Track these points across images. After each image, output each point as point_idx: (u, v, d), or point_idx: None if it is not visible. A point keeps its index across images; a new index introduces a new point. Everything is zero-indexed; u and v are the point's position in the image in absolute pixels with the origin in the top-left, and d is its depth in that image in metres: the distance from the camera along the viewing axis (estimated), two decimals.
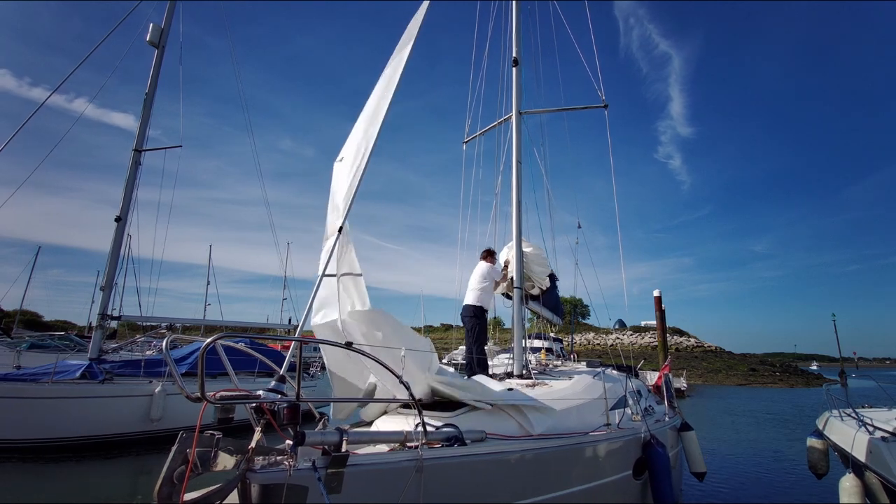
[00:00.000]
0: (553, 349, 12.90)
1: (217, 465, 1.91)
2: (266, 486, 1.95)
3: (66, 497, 6.31)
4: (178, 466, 1.78)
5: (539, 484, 3.20)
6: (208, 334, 22.30)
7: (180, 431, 1.87)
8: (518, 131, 6.47)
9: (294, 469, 2.01)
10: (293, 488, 1.98)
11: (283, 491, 1.95)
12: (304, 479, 2.02)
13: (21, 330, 28.01)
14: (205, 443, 1.87)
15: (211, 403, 1.92)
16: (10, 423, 7.82)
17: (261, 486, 1.94)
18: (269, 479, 1.96)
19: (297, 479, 2.00)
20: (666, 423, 5.53)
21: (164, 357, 2.10)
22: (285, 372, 2.54)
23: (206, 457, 1.87)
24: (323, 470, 2.09)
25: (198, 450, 1.84)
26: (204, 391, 1.87)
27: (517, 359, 5.51)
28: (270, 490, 1.95)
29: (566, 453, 3.42)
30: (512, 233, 6.33)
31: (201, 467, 1.86)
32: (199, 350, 1.97)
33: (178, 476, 1.77)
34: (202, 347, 1.95)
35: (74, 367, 9.09)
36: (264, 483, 1.95)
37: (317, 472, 2.07)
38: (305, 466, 2.06)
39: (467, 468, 2.76)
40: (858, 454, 4.96)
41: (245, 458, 1.96)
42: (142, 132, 11.27)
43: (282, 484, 1.96)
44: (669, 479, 4.27)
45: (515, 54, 6.66)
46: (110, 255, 10.66)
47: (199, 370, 1.88)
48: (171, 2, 11.95)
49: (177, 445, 1.80)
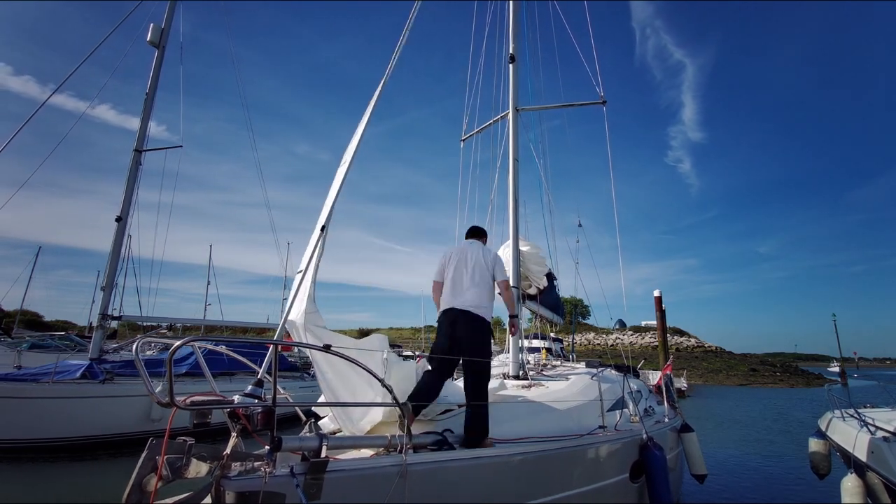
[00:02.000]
0: (553, 349, 12.89)
1: (189, 472, 1.87)
2: (241, 494, 1.88)
3: (67, 497, 6.30)
4: (147, 473, 1.74)
5: (530, 488, 3.12)
6: (208, 334, 22.22)
7: (150, 438, 1.82)
8: (515, 128, 6.42)
9: (270, 476, 1.94)
10: (270, 495, 1.92)
11: (259, 498, 1.89)
12: (281, 486, 1.96)
13: (21, 330, 28.01)
14: (176, 449, 1.82)
15: (180, 409, 1.86)
16: (11, 423, 7.82)
17: (236, 493, 1.88)
18: (244, 486, 1.90)
19: (274, 486, 1.94)
20: (665, 425, 5.47)
21: (135, 361, 2.04)
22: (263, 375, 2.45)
23: (177, 463, 1.82)
24: (301, 476, 2.03)
25: (169, 456, 1.79)
26: (173, 396, 1.81)
27: (513, 360, 5.40)
28: (246, 497, 1.89)
29: (558, 456, 3.32)
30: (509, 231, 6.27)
31: (172, 474, 1.81)
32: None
33: (146, 484, 1.73)
34: (171, 350, 1.90)
35: (75, 367, 9.08)
36: (239, 490, 1.88)
37: (295, 478, 2.00)
38: (283, 473, 2.00)
39: (454, 473, 2.65)
40: (860, 454, 4.95)
41: (219, 465, 1.91)
42: (142, 132, 11.26)
43: (258, 491, 1.90)
44: (667, 483, 4.17)
45: (512, 51, 6.63)
46: (111, 255, 10.66)
47: (167, 374, 1.81)
48: (171, 2, 11.95)
49: (146, 452, 1.75)
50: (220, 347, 3.24)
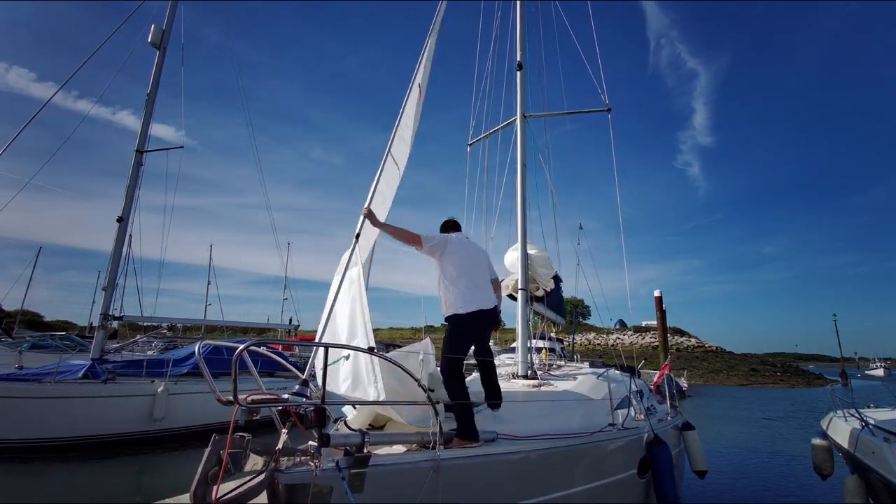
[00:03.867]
0: (555, 349, 12.91)
1: (247, 466, 1.98)
2: (293, 486, 2.01)
3: (68, 497, 6.30)
4: (213, 467, 1.83)
5: (548, 483, 3.29)
6: (208, 334, 22.16)
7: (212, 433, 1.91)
8: (523, 134, 6.50)
9: (319, 469, 2.08)
10: (319, 488, 2.05)
11: (310, 490, 2.02)
12: (329, 479, 2.09)
13: (22, 330, 28.02)
14: (236, 444, 1.92)
15: (242, 407, 1.97)
16: (13, 423, 7.82)
17: (288, 485, 2.01)
18: (296, 479, 2.03)
19: (323, 479, 2.07)
20: (668, 423, 5.61)
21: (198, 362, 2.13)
22: (307, 375, 2.59)
23: (237, 458, 1.92)
24: (346, 470, 2.16)
25: (230, 451, 1.89)
26: (237, 394, 1.92)
27: (522, 360, 5.55)
28: (297, 489, 2.02)
29: (574, 453, 3.52)
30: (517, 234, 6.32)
31: (233, 468, 1.91)
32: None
33: (212, 476, 1.82)
34: (236, 352, 2.02)
35: (77, 367, 9.10)
36: (291, 483, 2.02)
37: (341, 472, 2.13)
38: (330, 466, 2.14)
39: (482, 468, 2.85)
40: (861, 455, 4.96)
41: (273, 459, 2.03)
42: (143, 133, 11.29)
43: (308, 483, 2.03)
44: (672, 478, 4.38)
45: (520, 58, 6.69)
46: (112, 255, 10.70)
47: (232, 374, 1.93)
48: (172, 2, 11.96)
49: (210, 447, 1.85)
50: (262, 349, 3.32)
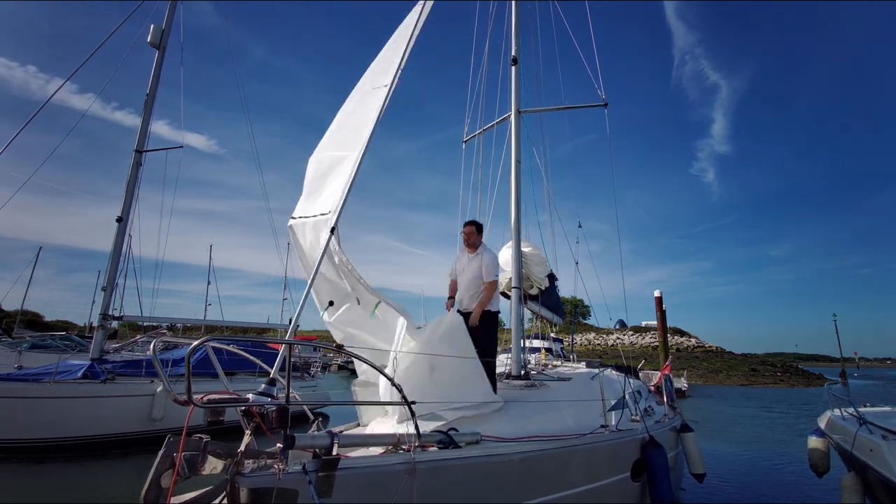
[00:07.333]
0: (553, 349, 12.92)
1: (205, 469, 1.91)
2: (255, 490, 1.92)
3: (67, 497, 6.31)
4: (165, 470, 1.78)
5: (535, 486, 3.16)
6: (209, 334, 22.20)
7: (167, 435, 1.86)
8: (517, 130, 6.46)
9: (284, 473, 1.98)
10: (283, 492, 1.96)
11: (273, 495, 1.93)
12: (293, 483, 2.00)
13: (22, 330, 28.04)
14: (192, 446, 1.86)
15: (198, 407, 1.91)
16: (13, 423, 7.83)
17: (249, 489, 1.92)
18: (258, 482, 1.93)
19: (287, 483, 1.98)
20: (665, 424, 5.50)
21: (153, 360, 2.09)
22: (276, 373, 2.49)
23: (193, 460, 1.86)
24: (313, 473, 2.07)
25: (185, 453, 1.83)
26: (191, 394, 1.85)
27: (515, 359, 5.40)
28: (260, 494, 1.93)
29: (563, 455, 3.38)
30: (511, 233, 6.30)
31: (189, 471, 1.85)
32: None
33: (164, 480, 1.77)
34: (189, 349, 1.94)
35: (76, 367, 9.10)
36: (253, 487, 1.92)
37: (307, 475, 2.04)
38: (296, 470, 2.04)
39: (462, 471, 2.70)
40: (859, 453, 4.96)
41: (234, 462, 1.95)
42: (142, 133, 11.29)
43: (271, 488, 1.94)
44: (668, 481, 4.22)
45: (514, 53, 6.66)
46: (112, 255, 10.70)
47: (185, 373, 1.86)
48: (172, 2, 11.97)
49: (163, 449, 1.79)
50: (231, 346, 3.29)
